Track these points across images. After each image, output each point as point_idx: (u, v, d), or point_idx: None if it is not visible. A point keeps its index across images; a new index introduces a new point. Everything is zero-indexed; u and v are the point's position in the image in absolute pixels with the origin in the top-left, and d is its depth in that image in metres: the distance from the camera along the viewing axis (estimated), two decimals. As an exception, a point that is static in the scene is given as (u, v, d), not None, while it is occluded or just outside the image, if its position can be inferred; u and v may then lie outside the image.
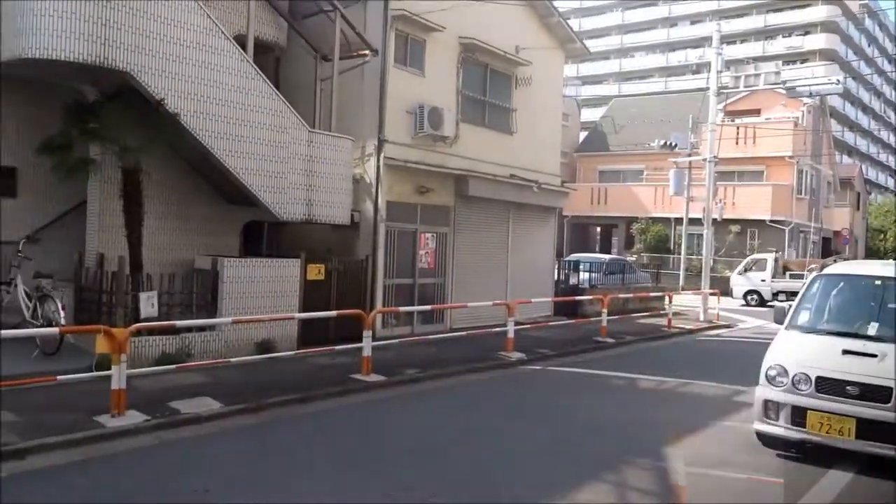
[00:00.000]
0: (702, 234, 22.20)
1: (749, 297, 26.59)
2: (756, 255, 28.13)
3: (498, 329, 13.06)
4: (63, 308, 9.21)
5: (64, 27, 8.73)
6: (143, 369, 8.66)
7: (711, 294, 20.15)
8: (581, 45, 19.03)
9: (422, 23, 13.91)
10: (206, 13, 10.22)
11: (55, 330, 8.55)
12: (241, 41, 11.13)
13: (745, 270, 27.09)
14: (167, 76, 9.71)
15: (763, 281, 26.56)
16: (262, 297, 11.02)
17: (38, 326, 9.26)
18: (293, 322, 11.22)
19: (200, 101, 10.15)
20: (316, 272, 12.02)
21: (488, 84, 16.19)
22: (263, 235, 13.36)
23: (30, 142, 10.72)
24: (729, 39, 42.79)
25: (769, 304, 24.95)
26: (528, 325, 14.46)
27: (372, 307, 12.70)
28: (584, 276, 20.42)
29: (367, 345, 9.80)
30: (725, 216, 29.93)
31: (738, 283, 27.08)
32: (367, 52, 13.12)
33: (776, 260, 26.98)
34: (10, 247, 10.28)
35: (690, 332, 17.63)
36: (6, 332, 7.43)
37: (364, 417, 8.27)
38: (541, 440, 7.56)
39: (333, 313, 11.22)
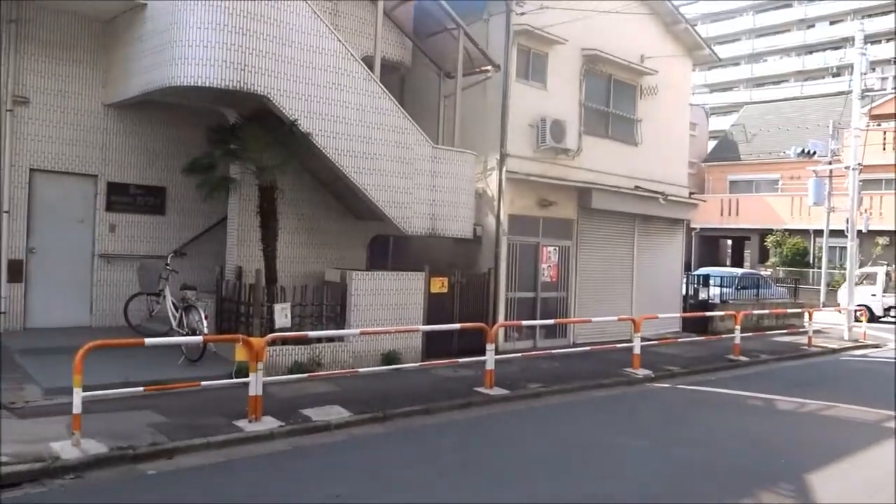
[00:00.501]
0: (845, 247, 20.75)
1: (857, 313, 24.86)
2: (867, 269, 26.11)
3: (623, 345, 12.74)
4: (206, 318, 9.81)
5: (209, 56, 9.38)
6: (278, 377, 9.10)
7: (858, 310, 18.78)
8: (710, 51, 18.36)
9: (544, 36, 13.88)
10: (336, 37, 10.67)
11: (199, 339, 9.13)
12: (368, 62, 11.53)
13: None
14: (300, 98, 10.21)
15: (873, 296, 24.63)
16: (388, 310, 11.29)
17: (183, 335, 9.91)
18: (417, 334, 11.43)
19: (330, 121, 10.59)
20: (439, 285, 12.19)
21: (612, 95, 15.92)
22: (389, 249, 13.71)
23: (177, 163, 11.59)
24: (873, 39, 39.96)
25: (881, 319, 23.10)
26: (655, 342, 14.03)
27: (494, 320, 12.74)
28: (714, 290, 19.59)
29: (490, 358, 9.82)
30: (872, 227, 27.84)
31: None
32: (489, 67, 13.25)
33: (888, 274, 24.99)
34: (160, 261, 11.08)
35: (833, 351, 16.48)
36: (155, 340, 8.03)
37: (489, 430, 8.27)
38: (673, 461, 7.29)
39: (457, 326, 11.33)
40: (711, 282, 19.79)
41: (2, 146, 10.49)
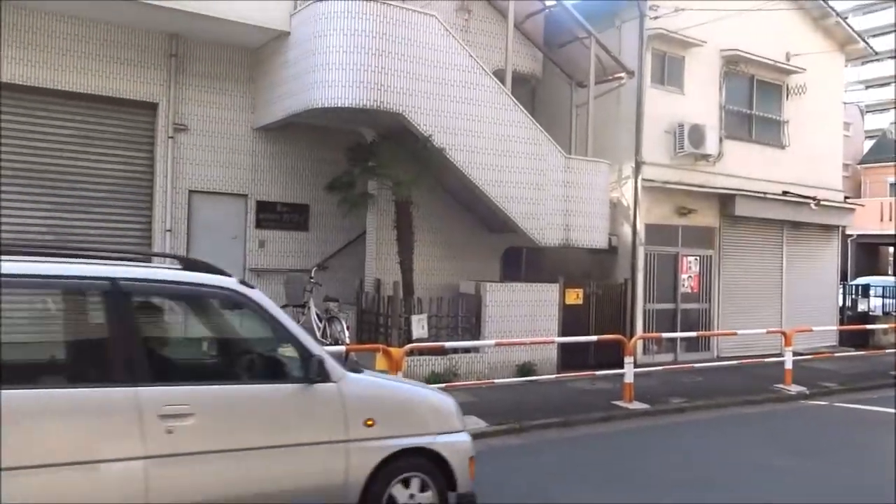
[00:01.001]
0: None
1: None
2: None
3: (772, 359, 12.02)
4: (347, 328, 10.19)
5: (347, 79, 9.82)
6: (415, 387, 9.26)
7: None
8: (865, 44, 17.08)
9: (680, 39, 13.45)
10: (467, 53, 10.85)
11: (342, 348, 9.48)
12: (499, 76, 11.63)
13: None
14: (434, 114, 10.45)
15: None
16: (522, 321, 11.26)
17: (327, 345, 10.32)
18: (553, 346, 11.32)
19: (464, 135, 10.76)
20: (574, 297, 12.03)
21: (755, 96, 15.16)
22: (522, 260, 13.69)
23: (319, 181, 12.14)
24: None
25: None
26: (809, 356, 13.14)
27: (632, 333, 12.40)
28: (875, 301, 18.12)
29: (628, 371, 9.56)
30: None
31: None
32: (622, 74, 13.00)
33: None
34: (304, 274, 11.62)
35: None
36: (303, 349, 8.39)
37: (630, 444, 8.04)
38: (834, 485, 6.77)
39: (593, 338, 11.13)
40: (871, 292, 18.34)
41: (165, 170, 11.42)
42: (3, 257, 3.92)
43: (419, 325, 10.26)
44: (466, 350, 10.70)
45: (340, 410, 4.50)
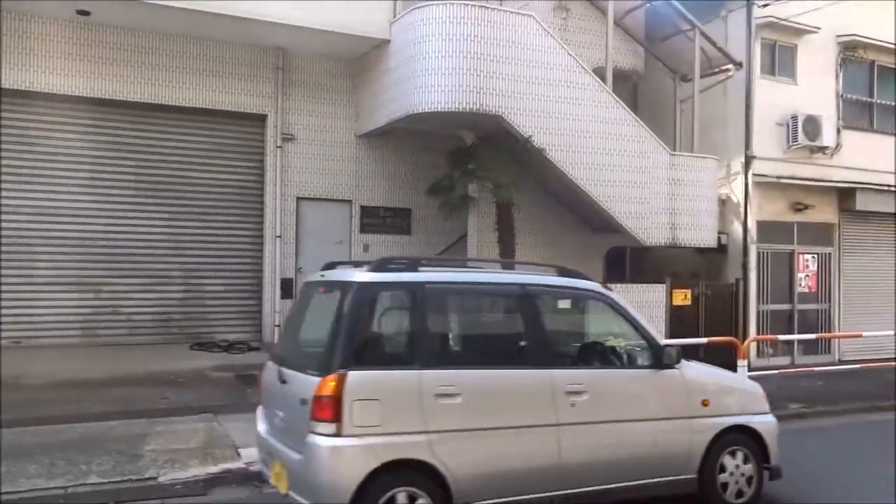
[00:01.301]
0: None
1: None
2: None
3: (901, 363, 11.24)
4: (450, 331, 10.25)
5: (447, 83, 9.94)
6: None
7: None
8: None
9: (791, 27, 12.83)
10: (566, 52, 10.75)
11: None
12: (600, 73, 11.44)
13: None
14: (533, 115, 10.41)
15: None
16: (627, 323, 11.02)
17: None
18: (659, 348, 11.01)
19: (564, 135, 10.66)
20: (682, 297, 11.67)
21: (875, 83, 14.26)
22: (626, 261, 13.41)
23: (420, 185, 12.32)
24: None
25: None
26: (942, 360, 12.17)
27: (744, 335, 11.90)
28: None
29: (742, 375, 9.16)
30: None
31: None
32: (729, 66, 12.53)
33: None
34: (408, 277, 11.79)
35: None
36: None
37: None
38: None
39: (703, 340, 10.73)
40: None
41: (275, 179, 11.89)
42: (427, 267, 5.08)
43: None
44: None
45: (683, 391, 5.43)
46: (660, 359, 5.32)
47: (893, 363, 11.44)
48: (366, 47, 11.62)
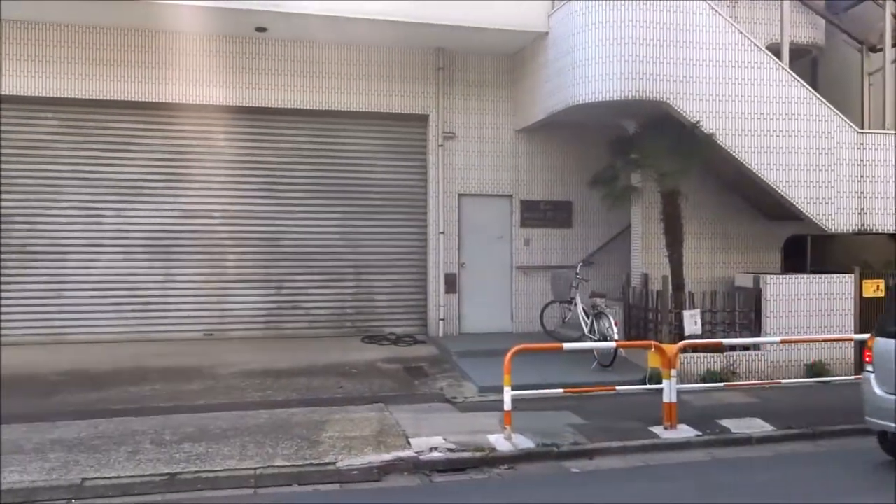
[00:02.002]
0: None
1: None
2: None
3: None
4: (615, 324, 10.04)
5: (608, 72, 9.72)
6: (690, 385, 8.90)
7: None
8: None
9: None
10: (736, 29, 10.14)
11: (611, 344, 9.38)
12: (774, 50, 10.71)
13: None
14: (701, 98, 9.93)
15: None
16: (809, 316, 10.24)
17: (595, 341, 10.29)
18: (849, 344, 10.15)
19: (734, 119, 10.08)
20: (874, 289, 10.65)
21: None
22: (806, 250, 12.44)
23: (580, 177, 12.14)
24: None
25: None
26: None
27: (950, 330, 10.65)
28: None
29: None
30: None
31: None
32: (927, 31, 11.26)
33: None
34: (570, 270, 11.68)
35: None
36: (572, 345, 8.48)
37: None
38: None
39: (899, 336, 9.75)
40: None
41: (437, 177, 12.19)
42: None
43: (692, 321, 9.78)
44: (745, 348, 10.00)
45: None
46: None
47: None
48: (523, 41, 11.61)
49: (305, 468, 6.15)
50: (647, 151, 10.20)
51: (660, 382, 7.61)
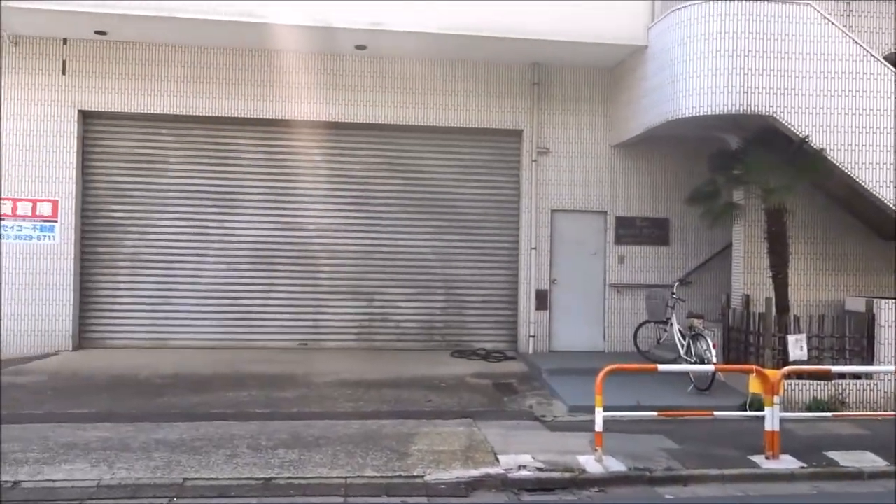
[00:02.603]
0: None
1: None
2: None
3: None
4: (714, 347, 9.66)
5: (709, 85, 9.45)
6: (794, 413, 8.45)
7: None
8: None
9: None
10: (851, 39, 9.65)
11: (709, 367, 9.03)
12: (892, 61, 10.12)
13: None
14: (809, 112, 9.50)
15: None
16: (930, 346, 9.55)
17: (691, 363, 9.93)
18: (974, 376, 9.38)
19: (847, 133, 9.58)
20: None
21: None
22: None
23: (678, 194, 11.82)
24: None
25: None
26: None
27: None
28: None
29: None
30: None
31: None
32: None
33: None
34: (666, 290, 11.35)
35: None
36: (667, 367, 8.20)
37: None
38: None
39: None
40: None
41: (530, 192, 12.12)
42: None
43: (797, 346, 9.29)
44: (856, 376, 9.39)
45: None
46: None
47: None
48: (621, 55, 11.43)
49: (394, 480, 6.18)
50: (751, 167, 9.81)
51: (761, 409, 7.25)
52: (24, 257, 11.24)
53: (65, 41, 11.34)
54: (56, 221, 11.32)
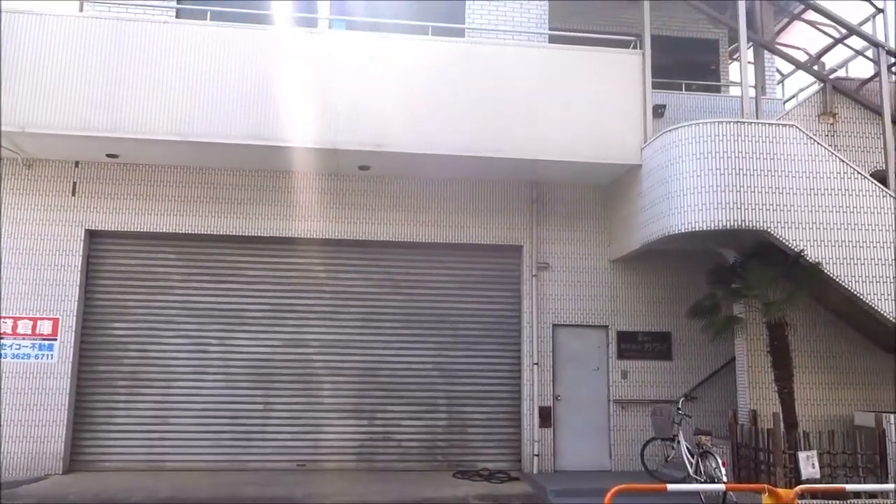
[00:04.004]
0: None
1: None
2: None
3: None
4: (723, 465, 9.41)
5: (704, 202, 9.72)
6: (813, 536, 8.11)
7: None
8: None
9: None
10: (838, 158, 10.00)
11: (720, 486, 8.76)
12: (879, 177, 10.46)
13: None
14: (804, 227, 9.71)
15: None
16: (945, 461, 9.31)
17: (701, 482, 9.64)
18: None
19: (841, 247, 9.76)
20: None
21: None
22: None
23: (678, 308, 11.88)
24: None
25: None
26: None
27: None
28: None
29: None
30: None
31: None
32: None
33: None
34: (671, 405, 11.18)
35: None
36: (677, 487, 7.95)
37: None
38: None
39: None
40: None
41: (531, 307, 12.16)
42: None
43: (808, 463, 9.06)
44: (872, 495, 9.10)
45: None
46: None
47: None
48: (617, 173, 11.78)
49: None
50: (749, 281, 9.94)
51: (779, 531, 6.97)
52: (20, 377, 11.11)
53: (76, 163, 11.69)
54: (56, 340, 11.27)
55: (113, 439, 11.44)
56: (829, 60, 12.95)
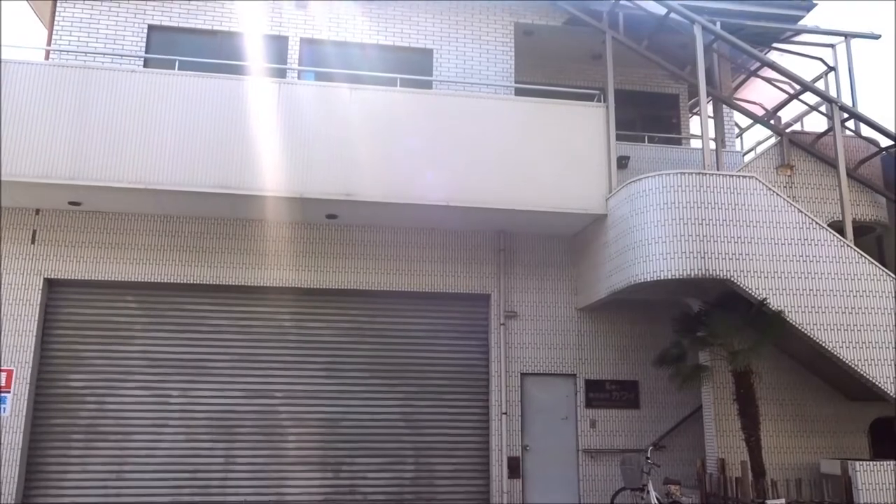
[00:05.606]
0: None
1: None
2: None
3: None
4: (694, 515, 9.37)
5: (669, 251, 9.86)
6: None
7: None
8: None
9: None
10: (797, 209, 10.27)
11: (690, 537, 8.70)
12: (837, 227, 10.75)
13: None
14: (766, 276, 9.89)
15: None
16: (910, 509, 9.39)
17: (672, 533, 9.56)
18: (959, 542, 9.17)
19: (803, 296, 9.95)
20: (978, 478, 9.76)
21: None
22: (896, 434, 11.62)
23: (645, 356, 11.94)
24: None
25: None
26: None
27: None
28: None
29: None
30: None
31: None
32: None
33: None
34: (640, 454, 11.12)
35: None
36: (648, 538, 7.86)
37: None
38: None
39: None
40: None
41: (499, 356, 12.11)
42: None
43: (778, 512, 9.06)
44: (842, 544, 9.13)
45: None
46: None
47: None
48: (582, 223, 11.91)
49: None
50: (714, 329, 10.05)
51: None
52: (-29, 431, 10.68)
53: (37, 211, 11.47)
54: (9, 392, 10.88)
55: (67, 496, 10.98)
56: (785, 115, 13.42)
